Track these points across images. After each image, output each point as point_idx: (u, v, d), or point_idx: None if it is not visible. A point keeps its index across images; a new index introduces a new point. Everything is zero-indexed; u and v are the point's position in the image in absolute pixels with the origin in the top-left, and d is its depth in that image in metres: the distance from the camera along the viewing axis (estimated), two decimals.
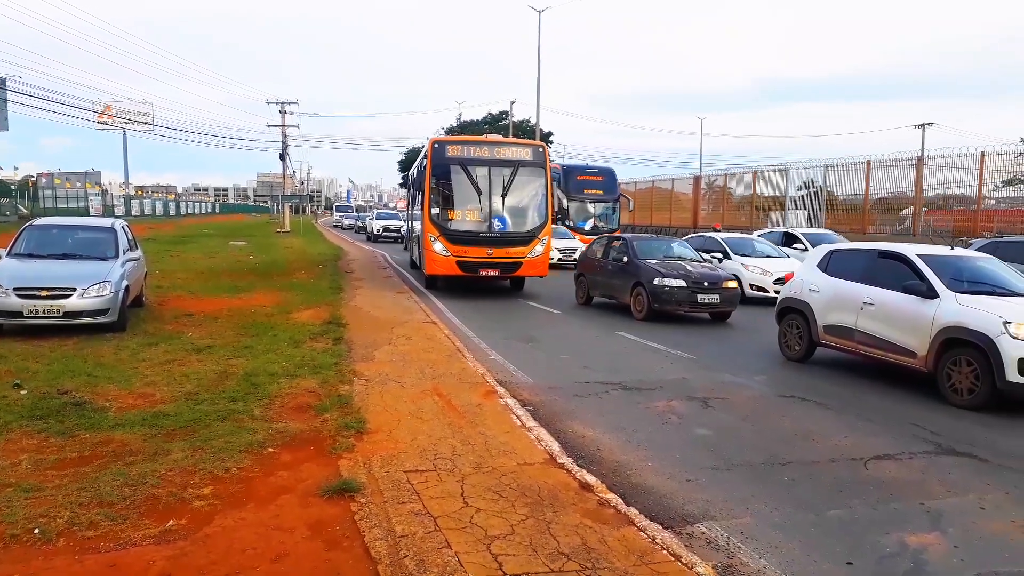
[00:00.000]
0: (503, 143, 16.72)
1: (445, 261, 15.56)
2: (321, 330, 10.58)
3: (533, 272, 16.35)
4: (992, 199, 22.82)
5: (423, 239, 16.20)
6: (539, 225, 16.01)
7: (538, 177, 16.13)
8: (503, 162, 15.85)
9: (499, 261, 15.76)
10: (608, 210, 28.77)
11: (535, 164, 16.09)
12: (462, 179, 15.65)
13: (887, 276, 8.72)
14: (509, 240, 15.73)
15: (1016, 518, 4.86)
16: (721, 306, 13.31)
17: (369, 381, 7.72)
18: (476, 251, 15.55)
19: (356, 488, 4.79)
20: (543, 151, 16.56)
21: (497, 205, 15.73)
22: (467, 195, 15.67)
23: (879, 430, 6.83)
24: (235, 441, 5.63)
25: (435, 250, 15.57)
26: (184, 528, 4.22)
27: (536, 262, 16.11)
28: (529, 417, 6.65)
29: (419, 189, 17.03)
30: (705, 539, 4.44)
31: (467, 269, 15.64)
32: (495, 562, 3.87)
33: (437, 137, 16.79)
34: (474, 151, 16.01)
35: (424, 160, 16.65)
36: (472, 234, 15.61)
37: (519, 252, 15.84)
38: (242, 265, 22.22)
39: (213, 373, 7.84)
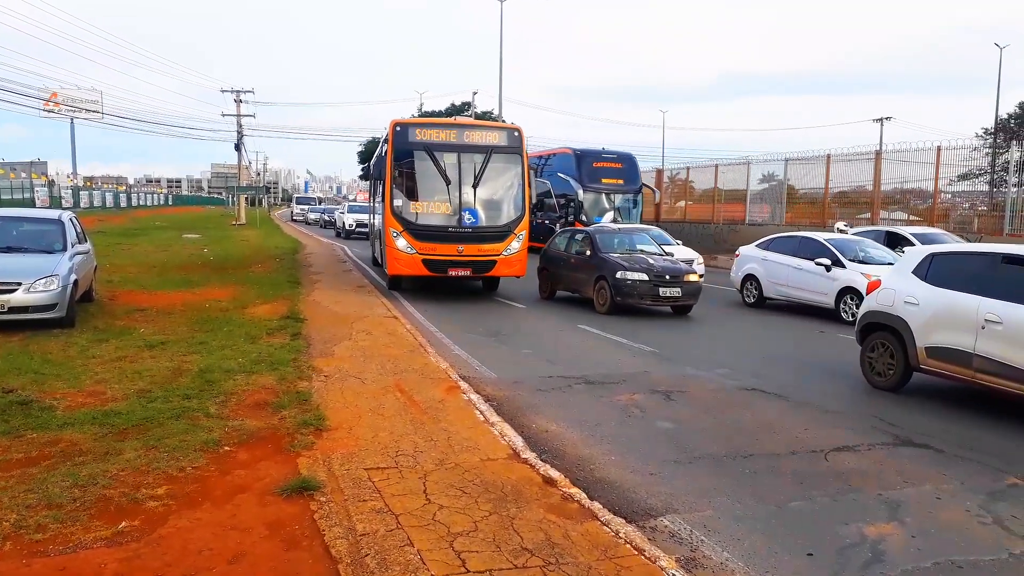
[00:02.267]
0: (474, 126, 15.27)
1: (409, 259, 14.01)
2: (279, 325, 10.41)
3: (509, 272, 14.80)
4: (948, 193, 23.34)
5: (384, 234, 14.57)
6: (515, 219, 14.53)
7: (514, 165, 14.66)
8: (474, 147, 14.32)
9: (471, 259, 14.20)
10: (629, 203, 25.30)
11: (510, 150, 14.61)
12: (428, 166, 14.07)
13: (1018, 286, 6.96)
14: (482, 236, 14.21)
15: (971, 507, 4.96)
16: (683, 299, 13.34)
17: (329, 377, 7.61)
18: (445, 248, 14.00)
19: (315, 486, 4.70)
20: (519, 136, 14.89)
21: (468, 196, 14.15)
22: (434, 185, 14.14)
23: (839, 422, 6.94)
24: (190, 440, 5.49)
25: (398, 247, 13.99)
26: (137, 529, 4.10)
27: (512, 260, 14.59)
28: (492, 412, 6.61)
29: (380, 178, 15.33)
30: (668, 532, 4.46)
31: (435, 268, 14.12)
32: (458, 559, 3.83)
33: (400, 119, 14.66)
34: (442, 135, 14.36)
35: (385, 145, 14.92)
36: (440, 229, 14.03)
37: (493, 249, 14.31)
38: (196, 259, 21.79)
39: (166, 370, 7.65)
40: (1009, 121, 32.92)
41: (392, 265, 14.39)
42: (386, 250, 14.58)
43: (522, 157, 14.69)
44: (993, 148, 27.94)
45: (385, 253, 14.84)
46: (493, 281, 16.09)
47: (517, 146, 14.71)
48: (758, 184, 27.57)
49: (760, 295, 15.17)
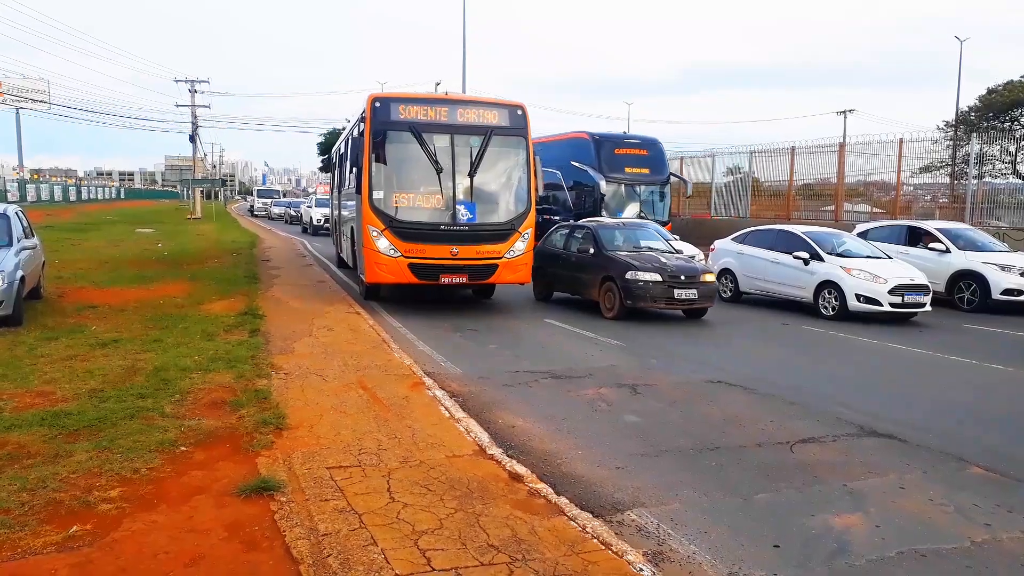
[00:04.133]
0: (470, 103, 12.68)
1: (393, 264, 11.69)
2: (236, 322, 10.19)
3: (512, 278, 12.41)
4: (910, 185, 23.76)
5: (361, 234, 12.09)
6: (519, 214, 12.28)
7: (517, 149, 12.46)
8: (470, 128, 12.10)
9: (467, 263, 11.85)
10: (655, 195, 21.83)
11: (513, 131, 12.36)
12: (415, 151, 11.79)
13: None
14: (480, 234, 11.94)
15: (934, 497, 5.03)
16: (699, 302, 12.13)
17: (288, 375, 7.46)
18: (436, 250, 11.69)
19: (276, 486, 4.59)
20: (523, 115, 12.50)
21: (463, 187, 11.95)
22: (422, 173, 11.85)
23: (804, 413, 7.01)
24: (144, 440, 5.33)
25: (378, 249, 11.64)
26: (89, 534, 3.96)
27: (516, 264, 12.25)
28: (458, 408, 6.53)
29: (355, 165, 12.59)
30: (635, 526, 4.44)
31: (423, 275, 11.78)
32: (423, 558, 3.76)
33: (379, 93, 12.58)
34: (431, 113, 12.04)
35: (361, 125, 12.31)
36: (430, 227, 11.73)
37: (494, 251, 12.01)
38: (150, 254, 21.29)
39: (120, 368, 7.43)
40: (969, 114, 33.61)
41: (371, 271, 11.99)
42: (363, 253, 12.13)
43: (526, 140, 12.47)
44: (954, 141, 28.53)
45: (362, 256, 12.38)
46: (488, 288, 13.85)
47: (521, 127, 12.44)
48: (723, 177, 27.64)
49: (736, 289, 15.16)
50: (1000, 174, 27.72)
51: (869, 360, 9.73)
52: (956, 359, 9.87)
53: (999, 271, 14.06)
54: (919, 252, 15.16)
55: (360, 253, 12.71)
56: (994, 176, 27.34)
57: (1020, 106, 30.65)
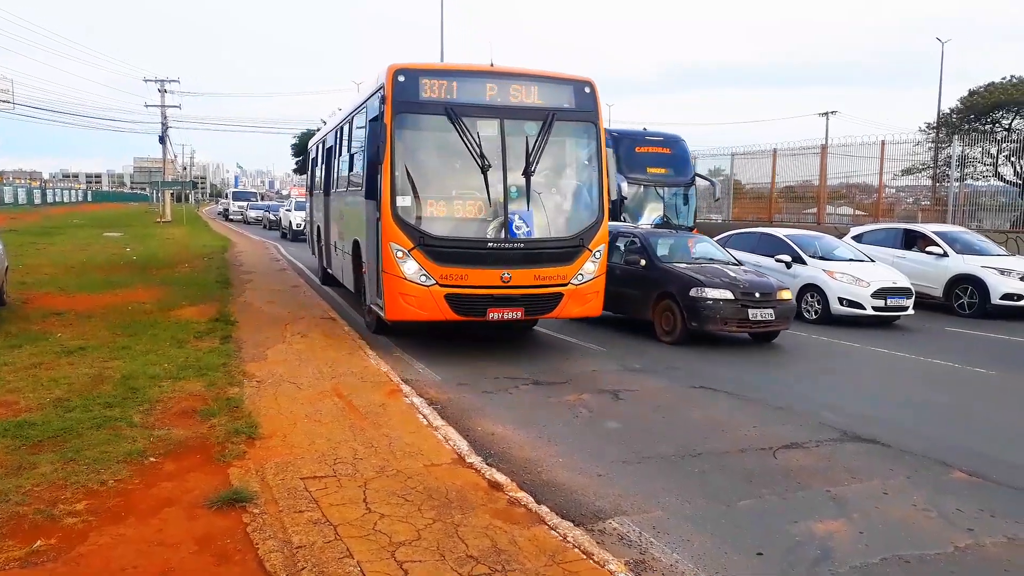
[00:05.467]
0: (525, 77, 9.28)
1: (424, 296, 8.64)
2: (207, 328, 10.01)
3: (580, 310, 9.42)
4: (892, 187, 23.98)
5: (378, 254, 9.13)
6: (589, 225, 9.25)
7: (586, 138, 9.54)
8: (526, 111, 9.05)
9: (523, 293, 8.87)
10: (679, 198, 19.57)
11: (580, 115, 9.35)
12: (452, 141, 8.83)
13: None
14: (540, 254, 8.98)
15: (917, 502, 5.05)
16: (775, 323, 10.42)
17: (261, 382, 7.32)
18: (482, 275, 8.70)
19: (248, 497, 4.48)
20: (593, 92, 9.43)
21: (517, 190, 8.99)
22: (463, 171, 8.95)
23: (787, 419, 7.03)
24: (112, 451, 5.18)
25: (405, 276, 8.61)
26: (54, 548, 3.84)
27: (585, 292, 9.26)
28: (436, 416, 6.45)
29: (369, 161, 9.26)
30: (617, 535, 4.40)
31: (466, 310, 8.80)
32: (400, 570, 3.69)
33: (401, 64, 8.98)
34: (472, 89, 8.96)
35: (380, 105, 9.10)
36: (475, 244, 8.81)
37: (557, 275, 9.00)
38: (118, 258, 20.93)
39: (86, 377, 7.25)
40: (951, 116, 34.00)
41: (393, 304, 8.88)
42: (383, 280, 8.99)
43: (597, 127, 9.48)
44: (935, 143, 28.86)
45: (377, 283, 9.34)
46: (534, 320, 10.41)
47: (590, 108, 9.40)
48: None
49: None
50: (982, 176, 28.17)
51: (852, 364, 9.81)
52: (939, 363, 9.99)
53: (998, 275, 13.85)
54: (915, 256, 15.01)
55: (374, 279, 9.65)
56: (975, 178, 27.78)
57: (1001, 108, 31.10)
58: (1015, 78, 31.35)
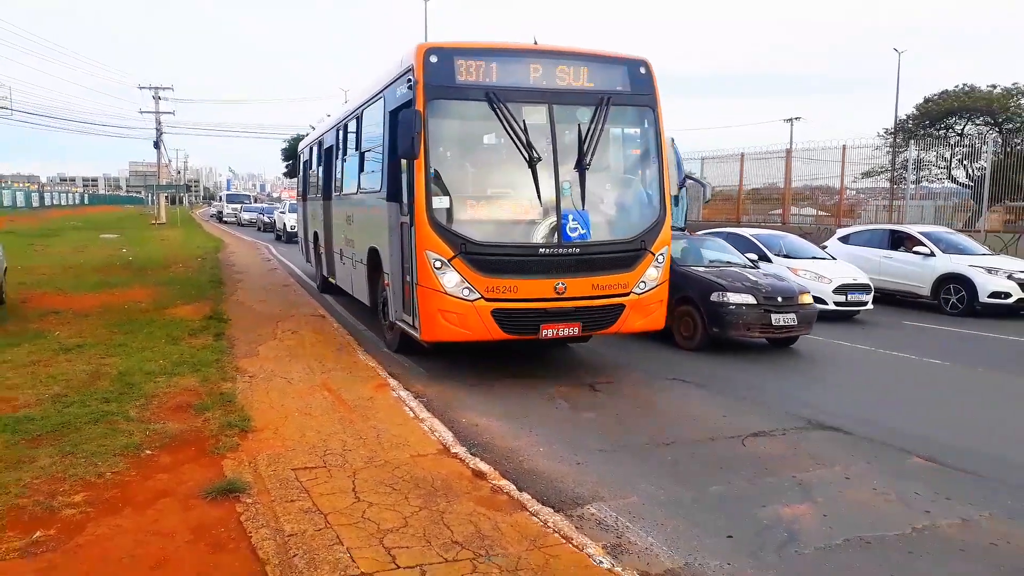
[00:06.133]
0: (571, 56, 7.93)
1: (467, 312, 7.39)
2: (201, 326, 10.14)
3: (643, 323, 8.14)
4: (853, 189, 24.49)
5: (413, 265, 7.72)
6: (651, 225, 8.04)
7: (644, 125, 8.30)
8: (577, 95, 7.80)
9: (580, 305, 7.62)
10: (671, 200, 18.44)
11: (637, 97, 8.09)
12: (495, 131, 7.86)
13: None
14: (597, 259, 7.71)
15: (878, 486, 5.23)
16: (797, 328, 9.89)
17: (254, 378, 7.48)
18: (533, 287, 7.46)
19: (241, 488, 4.63)
20: (649, 74, 8.13)
21: (570, 186, 7.70)
22: (508, 166, 7.72)
23: (755, 409, 7.21)
24: (109, 444, 5.33)
25: (445, 290, 7.37)
26: (53, 539, 3.96)
27: (647, 302, 8.03)
28: (422, 408, 6.61)
29: (408, 156, 7.46)
30: (595, 520, 4.56)
31: (516, 327, 7.55)
32: (388, 556, 3.83)
33: (432, 42, 7.76)
34: (515, 70, 7.69)
35: (407, 92, 7.76)
36: (525, 251, 7.54)
37: (618, 284, 7.79)
38: (114, 259, 20.98)
39: (84, 373, 7.39)
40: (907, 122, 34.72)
41: (431, 323, 7.56)
42: (418, 295, 7.66)
43: (655, 113, 8.19)
44: (893, 147, 29.64)
45: (414, 299, 7.83)
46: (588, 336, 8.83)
47: (647, 91, 8.12)
48: None
49: None
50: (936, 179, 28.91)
51: (814, 356, 9.93)
52: (897, 355, 10.16)
53: (986, 274, 13.94)
54: (903, 256, 15.11)
55: (400, 292, 8.51)
56: (931, 181, 28.48)
57: (954, 114, 31.84)
58: (967, 86, 32.08)
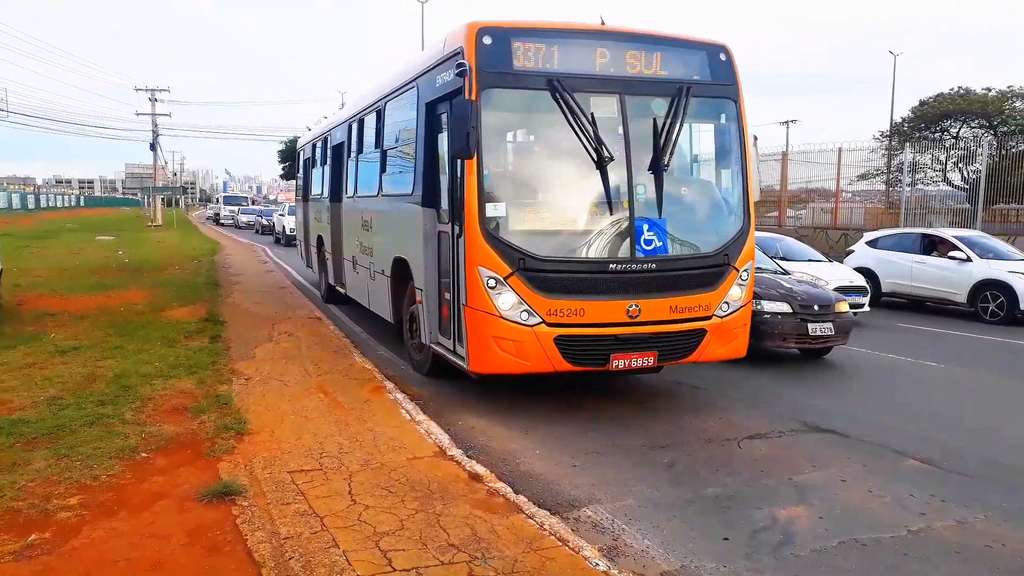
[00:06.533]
0: (642, 39, 6.88)
1: (525, 339, 6.35)
2: (197, 328, 10.13)
3: (725, 351, 7.09)
4: (848, 192, 24.60)
5: (462, 283, 6.62)
6: (735, 236, 7.00)
7: (725, 120, 7.25)
8: (650, 84, 6.76)
9: (657, 331, 6.60)
10: None
11: (718, 88, 7.03)
12: (558, 127, 6.52)
13: None
14: (676, 277, 6.68)
15: (873, 488, 5.24)
16: (833, 339, 9.29)
17: (249, 380, 7.47)
18: (602, 309, 6.45)
19: (237, 491, 4.62)
20: (730, 60, 7.07)
21: (644, 191, 6.72)
22: (572, 167, 6.64)
23: (751, 411, 7.22)
24: (104, 447, 5.32)
25: (501, 313, 6.35)
26: (48, 542, 3.95)
27: (731, 327, 7.00)
28: (419, 411, 6.60)
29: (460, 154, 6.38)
30: (591, 522, 4.56)
31: (582, 356, 6.49)
32: (384, 558, 3.83)
33: (484, 21, 6.53)
34: (580, 56, 6.64)
35: (453, 79, 6.62)
36: (593, 267, 6.51)
37: (699, 305, 6.77)
38: (111, 261, 20.95)
39: (79, 376, 7.37)
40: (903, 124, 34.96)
41: (483, 351, 6.50)
42: (467, 319, 6.59)
43: (738, 106, 7.12)
44: (888, 150, 29.81)
45: (461, 323, 6.72)
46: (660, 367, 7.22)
47: (729, 81, 7.05)
48: None
49: None
50: (932, 181, 29.16)
51: (810, 358, 9.92)
52: (893, 357, 10.19)
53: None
54: (936, 261, 14.37)
55: (435, 311, 7.44)
56: (926, 183, 28.73)
57: (949, 117, 32.09)
58: (962, 89, 32.29)
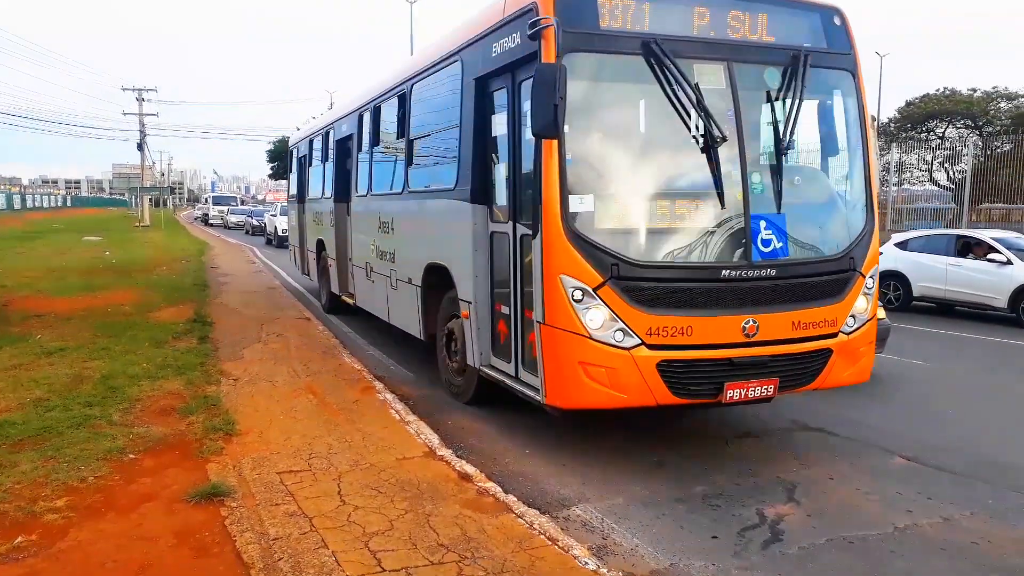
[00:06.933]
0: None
1: (621, 364, 5.02)
2: (185, 329, 10.09)
3: (850, 374, 5.81)
4: None
5: (537, 295, 5.31)
6: (859, 236, 5.81)
7: (842, 95, 6.03)
8: (759, 51, 5.58)
9: (777, 352, 5.32)
10: None
11: (834, 58, 5.84)
12: (656, 99, 5.33)
13: None
14: (798, 286, 5.44)
15: (860, 486, 5.27)
16: None
17: (238, 381, 7.44)
18: (714, 327, 5.18)
19: (226, 492, 4.61)
20: (844, 24, 5.88)
21: (760, 179, 5.57)
22: (673, 151, 5.54)
23: (739, 410, 7.21)
24: (92, 448, 5.29)
25: (589, 331, 5.02)
26: (35, 544, 3.93)
27: (858, 345, 5.79)
28: (408, 411, 6.59)
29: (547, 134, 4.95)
30: (581, 522, 4.57)
31: (691, 386, 5.19)
32: (374, 559, 3.83)
33: None
34: (676, 16, 5.37)
35: (518, 43, 5.57)
36: (702, 273, 5.27)
37: (824, 319, 5.53)
38: (98, 262, 20.83)
39: (66, 377, 7.33)
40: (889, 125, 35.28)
41: (568, 380, 5.21)
42: (544, 339, 5.30)
43: (856, 79, 5.99)
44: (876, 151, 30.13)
45: (540, 345, 5.35)
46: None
47: (846, 50, 5.92)
48: None
49: None
50: (918, 181, 29.45)
51: None
52: (881, 356, 10.21)
53: None
54: (974, 264, 13.66)
55: (498, 327, 6.29)
56: (912, 183, 29.00)
57: (936, 117, 32.37)
58: (948, 90, 32.58)
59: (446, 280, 7.03)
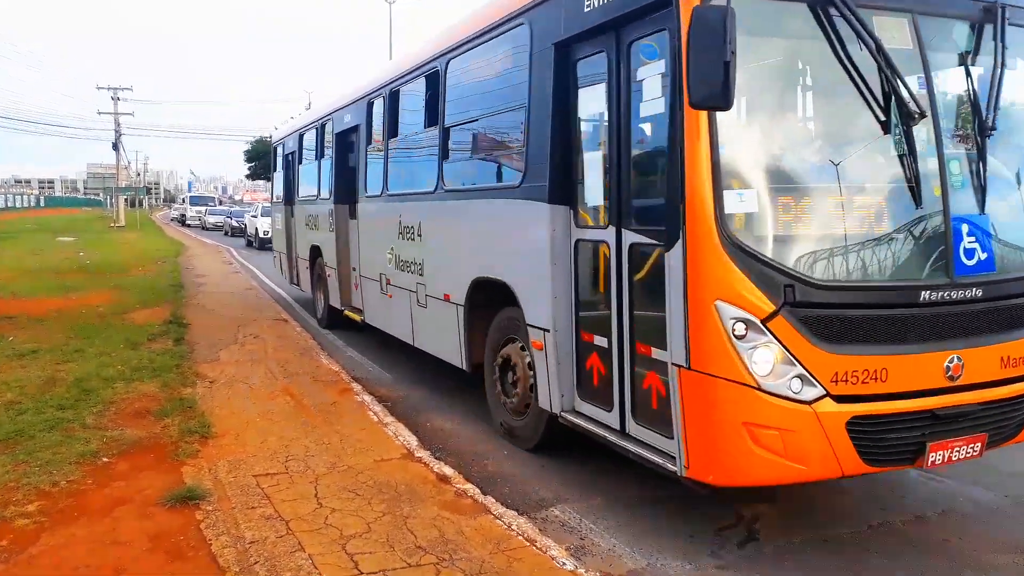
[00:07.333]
0: None
1: (801, 425, 3.69)
2: (161, 330, 10.00)
3: None
4: None
5: (680, 329, 3.84)
6: None
7: None
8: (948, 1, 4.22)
9: (989, 400, 4.08)
10: None
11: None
12: (828, 63, 3.97)
13: None
14: (1005, 310, 4.16)
15: (835, 486, 5.29)
16: None
17: (214, 383, 7.39)
18: (910, 367, 3.86)
19: (201, 495, 4.58)
20: None
21: (960, 169, 4.19)
22: (852, 132, 4.18)
23: None
24: (64, 452, 5.23)
25: (757, 380, 3.67)
26: (5, 550, 3.89)
27: None
28: (387, 413, 6.57)
29: (717, 104, 3.49)
30: (559, 522, 4.58)
31: (886, 450, 3.91)
32: (351, 562, 3.82)
33: None
34: None
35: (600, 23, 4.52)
36: (899, 296, 3.91)
37: None
38: (71, 263, 20.62)
39: (38, 380, 7.24)
40: None
41: (728, 447, 3.79)
42: (682, 387, 3.91)
43: None
44: None
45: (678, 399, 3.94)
46: None
47: None
48: None
49: None
50: None
51: None
52: None
53: None
54: None
55: (586, 364, 5.06)
56: None
57: None
58: None
59: (507, 298, 5.75)
